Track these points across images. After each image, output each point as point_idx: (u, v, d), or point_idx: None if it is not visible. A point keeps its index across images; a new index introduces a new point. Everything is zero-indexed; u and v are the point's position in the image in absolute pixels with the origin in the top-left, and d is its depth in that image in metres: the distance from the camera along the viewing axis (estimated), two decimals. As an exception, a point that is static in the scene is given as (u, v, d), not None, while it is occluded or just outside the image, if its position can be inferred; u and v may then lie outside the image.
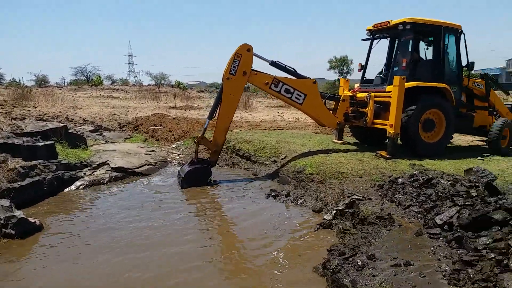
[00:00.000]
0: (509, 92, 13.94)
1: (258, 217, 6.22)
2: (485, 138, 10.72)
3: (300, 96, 8.44)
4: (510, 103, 10.88)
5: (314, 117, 8.98)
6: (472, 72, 9.66)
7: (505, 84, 36.39)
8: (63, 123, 11.58)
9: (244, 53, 7.87)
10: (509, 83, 53.00)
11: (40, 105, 18.79)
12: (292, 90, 8.37)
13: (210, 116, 8.13)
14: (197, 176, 7.87)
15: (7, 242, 5.10)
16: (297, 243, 5.28)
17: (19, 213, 5.50)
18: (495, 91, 10.44)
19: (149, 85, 54.18)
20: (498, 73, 61.51)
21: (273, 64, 8.46)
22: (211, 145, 8.22)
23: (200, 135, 8.11)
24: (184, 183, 7.74)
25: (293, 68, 8.64)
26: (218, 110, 8.04)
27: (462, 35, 9.10)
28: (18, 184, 6.55)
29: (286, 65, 8.58)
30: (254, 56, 8.00)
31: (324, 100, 9.13)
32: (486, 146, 10.45)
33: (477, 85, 9.87)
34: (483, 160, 8.52)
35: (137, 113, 19.09)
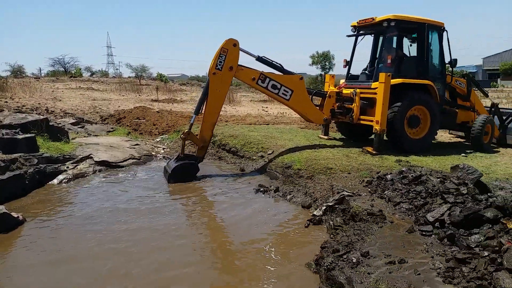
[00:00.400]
0: (488, 93, 14.22)
1: (248, 212, 6.17)
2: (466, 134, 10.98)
3: (287, 92, 8.40)
4: (489, 106, 11.09)
5: (301, 113, 8.96)
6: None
7: (481, 82, 37.28)
8: (43, 116, 11.27)
9: (230, 48, 7.76)
10: (486, 80, 54.42)
11: (18, 96, 18.24)
12: (279, 86, 8.32)
13: (197, 112, 8.01)
14: (184, 172, 7.76)
15: (-11, 238, 4.93)
16: (288, 239, 5.26)
17: (1, 208, 5.32)
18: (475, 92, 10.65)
19: (129, 77, 53.21)
20: (474, 70, 62.93)
21: (260, 59, 8.38)
22: (198, 141, 8.09)
23: (186, 130, 7.98)
24: (171, 180, 7.62)
25: (279, 64, 8.58)
26: (204, 105, 7.93)
27: (445, 32, 9.22)
28: (-2, 178, 6.33)
29: (272, 61, 8.52)
30: (240, 51, 7.90)
31: (310, 97, 9.12)
32: (467, 143, 10.67)
33: (459, 83, 10.06)
34: (466, 156, 8.67)
35: (119, 106, 18.73)
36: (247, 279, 4.20)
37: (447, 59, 9.33)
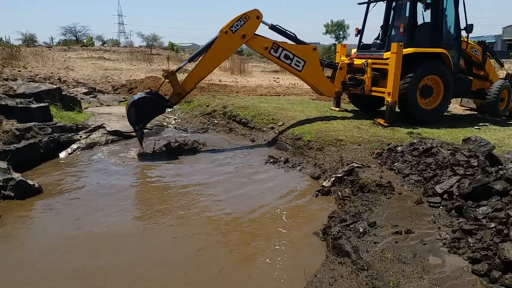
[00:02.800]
0: (503, 63, 13.80)
1: (257, 182, 6.25)
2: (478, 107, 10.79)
3: (300, 62, 8.30)
4: (503, 77, 10.76)
5: (312, 85, 8.88)
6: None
7: (499, 53, 36.16)
8: (56, 85, 11.38)
9: (252, 18, 7.66)
10: (504, 51, 52.88)
11: (30, 65, 18.34)
12: (291, 56, 8.21)
13: (191, 59, 7.90)
14: (149, 106, 7.42)
15: (7, 203, 5.11)
16: (297, 208, 5.33)
17: (17, 175, 5.48)
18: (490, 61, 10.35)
19: (140, 46, 52.90)
20: (493, 40, 61.05)
21: (273, 28, 8.22)
22: (178, 86, 7.69)
23: (171, 70, 7.71)
24: (131, 107, 7.27)
25: (293, 33, 8.43)
26: (201, 57, 7.76)
27: None
28: (14, 146, 6.47)
29: (286, 30, 8.36)
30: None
31: (322, 68, 9.04)
32: (480, 115, 10.50)
33: (475, 51, 9.76)
34: (479, 129, 8.56)
35: (131, 76, 18.74)
36: (256, 246, 4.30)
37: (462, 25, 9.05)
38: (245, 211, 5.23)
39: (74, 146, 7.71)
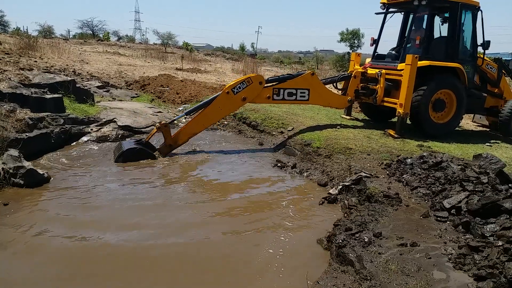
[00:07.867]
0: None
1: (263, 186, 6.26)
2: (490, 124, 10.69)
3: (304, 92, 8.41)
4: None
5: (324, 104, 9.19)
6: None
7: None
8: (70, 77, 11.50)
9: (255, 82, 7.76)
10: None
11: (47, 56, 18.52)
12: (294, 91, 8.32)
13: (188, 113, 7.83)
14: (137, 158, 6.97)
15: (15, 191, 5.19)
16: (301, 215, 5.31)
17: (27, 164, 5.56)
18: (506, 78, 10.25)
19: (155, 44, 53.22)
20: (509, 58, 60.45)
21: (267, 81, 8.28)
22: (170, 139, 7.38)
23: (164, 122, 7.49)
24: (119, 158, 6.82)
25: (287, 74, 8.71)
26: (199, 113, 7.65)
27: (480, 12, 8.84)
28: (26, 135, 6.57)
29: (279, 76, 8.63)
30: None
31: (335, 83, 9.31)
32: (492, 133, 10.40)
33: (490, 67, 9.68)
34: (491, 146, 8.48)
35: (144, 72, 18.88)
36: (258, 250, 4.29)
37: (479, 41, 9.00)
38: (247, 214, 5.24)
39: (85, 138, 7.79)
